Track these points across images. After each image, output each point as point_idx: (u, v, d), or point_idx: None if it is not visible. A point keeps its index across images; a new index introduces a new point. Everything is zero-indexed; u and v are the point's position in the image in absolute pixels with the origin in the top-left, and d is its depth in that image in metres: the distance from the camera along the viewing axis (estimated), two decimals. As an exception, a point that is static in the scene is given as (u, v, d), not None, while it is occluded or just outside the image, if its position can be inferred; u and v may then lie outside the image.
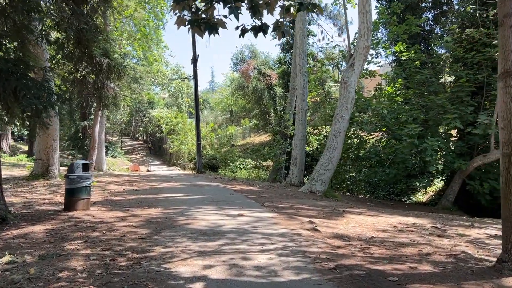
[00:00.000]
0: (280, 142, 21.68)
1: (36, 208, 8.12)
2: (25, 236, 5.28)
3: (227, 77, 56.04)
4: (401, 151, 12.64)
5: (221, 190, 12.26)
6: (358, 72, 12.88)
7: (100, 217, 6.93)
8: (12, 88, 5.62)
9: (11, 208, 7.98)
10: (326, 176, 12.55)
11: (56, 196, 10.07)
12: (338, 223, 6.93)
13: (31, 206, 8.33)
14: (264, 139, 37.50)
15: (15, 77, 5.79)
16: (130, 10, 24.23)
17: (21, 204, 8.60)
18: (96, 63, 6.28)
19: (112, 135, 58.62)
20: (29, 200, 9.47)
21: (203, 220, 6.58)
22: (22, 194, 10.58)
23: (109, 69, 6.57)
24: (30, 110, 5.62)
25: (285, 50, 27.80)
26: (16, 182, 13.07)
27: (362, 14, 12.69)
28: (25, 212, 7.37)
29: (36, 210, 7.75)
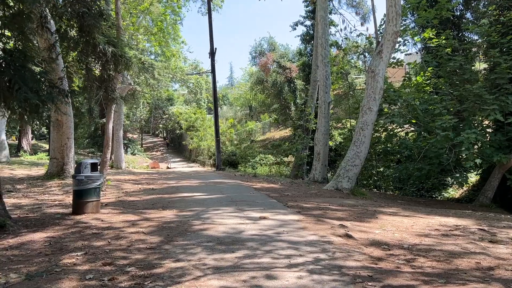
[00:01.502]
0: (301, 137, 20.84)
1: (44, 211, 7.59)
2: (21, 246, 4.69)
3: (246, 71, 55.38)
4: (435, 145, 11.67)
5: (241, 188, 11.57)
6: (386, 60, 11.97)
7: (109, 221, 6.33)
8: (6, 81, 5.03)
9: (17, 211, 7.49)
10: (353, 172, 11.71)
11: (68, 197, 9.57)
12: (372, 227, 6.13)
13: (39, 209, 7.82)
14: (285, 134, 36.65)
15: (11, 68, 5.20)
16: (146, 4, 23.74)
17: (29, 207, 8.11)
18: (100, 51, 5.65)
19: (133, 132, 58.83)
20: (39, 202, 8.99)
21: (220, 224, 5.89)
22: (33, 195, 10.14)
23: (115, 59, 5.93)
24: (26, 104, 5.01)
25: (306, 41, 26.87)
26: (30, 182, 12.70)
27: (390, -3, 11.76)
28: (30, 216, 6.83)
29: (43, 214, 7.22)
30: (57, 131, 13.35)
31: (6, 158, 20.90)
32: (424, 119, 12.46)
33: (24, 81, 5.15)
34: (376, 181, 15.53)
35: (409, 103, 11.82)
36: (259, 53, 35.01)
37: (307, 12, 26.36)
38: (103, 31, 5.62)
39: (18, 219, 6.54)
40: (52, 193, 10.59)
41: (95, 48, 5.68)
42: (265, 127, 43.58)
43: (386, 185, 15.49)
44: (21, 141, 29.02)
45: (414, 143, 12.46)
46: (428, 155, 12.32)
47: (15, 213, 7.23)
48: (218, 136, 23.11)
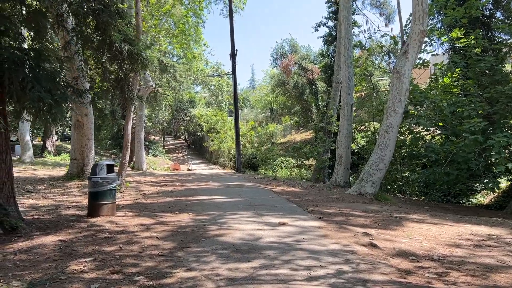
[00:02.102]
0: (323, 140, 20.43)
1: (60, 212, 7.50)
2: (30, 250, 4.54)
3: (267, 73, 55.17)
4: (463, 149, 11.11)
5: (260, 191, 11.29)
6: (412, 61, 11.49)
7: (123, 224, 6.15)
8: (19, 80, 4.90)
9: (33, 212, 7.43)
10: (377, 176, 11.27)
11: (86, 198, 9.43)
12: (399, 235, 5.76)
13: (56, 211, 7.74)
14: (306, 136, 36.20)
15: (25, 67, 5.08)
16: (168, 6, 23.79)
17: (46, 208, 8.05)
18: (116, 50, 5.49)
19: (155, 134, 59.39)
20: (57, 203, 8.94)
21: (237, 230, 5.62)
22: (52, 196, 10.12)
23: (131, 57, 5.75)
24: (38, 104, 4.87)
25: (328, 42, 26.41)
26: (50, 183, 12.75)
27: (416, -5, 11.30)
28: (45, 218, 6.74)
29: (58, 216, 7.12)
30: (78, 132, 13.40)
31: (30, 158, 21.24)
32: (452, 122, 11.91)
33: (38, 80, 5.02)
34: (400, 186, 14.98)
35: (436, 105, 11.30)
36: (280, 54, 34.67)
37: (329, 13, 25.92)
38: (119, 28, 5.46)
39: (32, 220, 6.45)
40: (71, 194, 10.57)
41: (111, 46, 5.52)
42: (286, 129, 43.22)
43: (411, 190, 14.92)
44: (46, 142, 29.55)
45: (441, 147, 11.91)
46: (456, 159, 11.76)
47: (31, 214, 7.17)
48: (238, 138, 22.91)
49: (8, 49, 5.14)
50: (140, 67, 6.20)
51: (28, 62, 5.27)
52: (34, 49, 5.67)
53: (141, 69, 6.39)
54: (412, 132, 12.69)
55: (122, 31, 5.61)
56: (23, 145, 21.44)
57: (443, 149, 11.77)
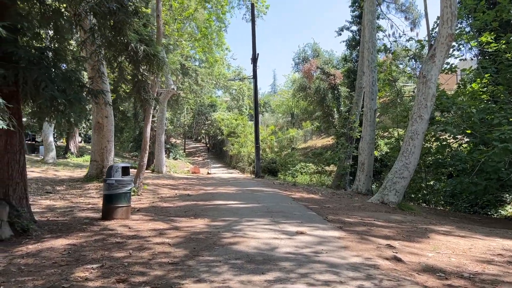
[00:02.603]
0: (344, 146, 19.99)
1: (75, 214, 7.41)
2: (38, 254, 4.40)
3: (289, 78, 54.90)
4: (492, 158, 10.56)
5: (279, 197, 11.01)
6: (439, 65, 11.03)
7: (136, 229, 5.99)
8: (33, 79, 4.80)
9: (49, 214, 7.36)
10: (401, 185, 10.83)
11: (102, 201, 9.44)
12: (424, 248, 5.39)
13: (71, 212, 7.66)
14: (327, 142, 35.71)
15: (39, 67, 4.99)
16: (191, 10, 23.86)
17: (62, 210, 7.99)
18: (131, 50, 5.35)
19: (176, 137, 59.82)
20: (73, 204, 8.89)
21: (253, 238, 5.37)
22: (70, 198, 10.10)
23: (148, 58, 5.60)
24: (52, 104, 4.76)
25: (351, 47, 25.99)
26: (70, 184, 12.80)
27: (445, -4, 10.87)
28: (59, 220, 6.64)
29: (72, 218, 7.02)
30: (98, 134, 13.44)
31: (53, 159, 21.54)
32: (481, 129, 11.37)
33: (52, 80, 4.92)
34: (425, 195, 14.41)
35: (464, 111, 10.80)
36: (302, 59, 34.34)
37: (353, 17, 25.53)
38: (135, 28, 5.32)
39: (46, 222, 6.36)
40: (88, 196, 10.54)
41: (127, 46, 5.39)
42: (307, 134, 42.77)
43: (436, 199, 14.33)
44: (69, 143, 30.02)
45: (469, 155, 11.37)
46: (485, 169, 11.19)
47: (46, 216, 7.10)
48: (258, 142, 22.69)
49: (24, 48, 5.06)
50: (156, 68, 6.05)
51: (44, 61, 5.19)
52: (51, 48, 5.58)
53: (157, 70, 6.23)
54: (439, 139, 12.19)
55: (139, 31, 5.47)
56: (46, 146, 21.77)
57: (471, 157, 11.23)
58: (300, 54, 34.88)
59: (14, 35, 4.85)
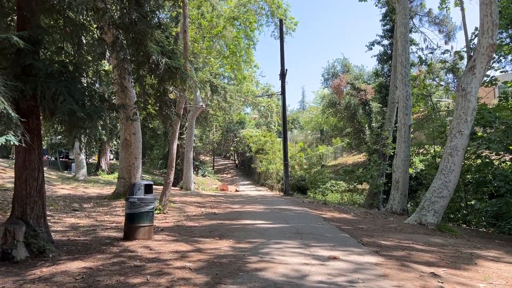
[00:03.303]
0: (377, 163, 19.22)
1: (97, 234, 7.19)
2: (51, 278, 4.12)
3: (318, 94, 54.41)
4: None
5: (309, 217, 10.50)
6: (480, 77, 10.37)
7: (157, 251, 5.67)
8: (51, 93, 4.63)
9: (71, 233, 7.17)
10: (440, 205, 10.12)
11: (127, 218, 9.23)
12: (473, 277, 4.79)
13: (94, 231, 7.45)
14: (358, 159, 34.79)
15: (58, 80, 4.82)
16: (220, 28, 23.99)
17: (85, 228, 7.79)
18: (153, 62, 5.12)
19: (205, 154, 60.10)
20: (98, 223, 8.71)
21: (280, 264, 4.93)
22: (95, 216, 9.96)
23: (170, 72, 5.37)
24: (70, 118, 4.55)
25: (383, 61, 25.37)
26: (97, 202, 12.74)
27: (484, 5, 10.27)
28: (79, 240, 6.41)
29: (94, 237, 6.79)
30: (125, 151, 13.39)
31: (84, 176, 21.82)
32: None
33: (71, 93, 4.72)
34: (465, 215, 13.48)
35: (509, 126, 10.04)
36: (332, 75, 33.86)
37: (384, 31, 24.99)
38: (156, 39, 5.11)
39: (66, 242, 6.14)
40: (114, 214, 10.37)
41: (148, 58, 5.18)
42: (337, 151, 41.93)
43: (477, 220, 13.37)
44: (100, 160, 30.54)
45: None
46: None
47: (68, 235, 6.91)
48: (286, 159, 22.23)
49: (43, 61, 4.92)
50: (180, 82, 5.81)
51: (64, 75, 5.03)
52: (72, 62, 5.44)
53: (180, 85, 6.00)
54: (481, 156, 11.41)
55: (160, 43, 5.25)
56: (77, 163, 22.10)
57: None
58: (330, 70, 34.46)
59: (34, 47, 4.71)
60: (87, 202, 12.65)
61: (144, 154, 36.35)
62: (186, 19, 10.79)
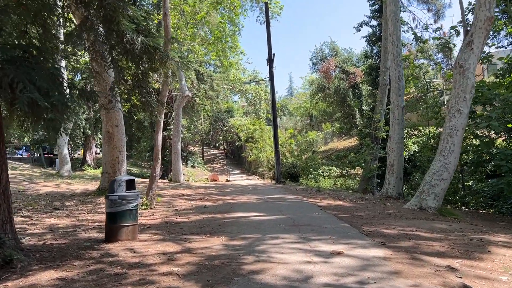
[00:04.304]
0: (370, 147, 18.80)
1: (77, 235, 6.59)
2: (14, 295, 3.54)
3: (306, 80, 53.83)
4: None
5: (304, 206, 10.01)
6: (478, 52, 9.89)
7: (142, 253, 5.10)
8: (8, 80, 3.98)
9: (48, 235, 6.56)
10: (441, 188, 9.71)
11: (111, 216, 8.62)
12: (492, 268, 4.33)
13: (73, 233, 6.85)
14: (349, 144, 34.46)
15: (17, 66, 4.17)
16: (203, 14, 23.15)
17: (64, 230, 7.19)
18: (127, 42, 4.48)
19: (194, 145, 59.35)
20: (79, 223, 8.11)
21: (279, 263, 4.40)
22: (77, 214, 9.35)
23: (148, 53, 4.73)
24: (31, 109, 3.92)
25: (372, 42, 24.82)
26: (81, 199, 12.10)
27: (481, -24, 9.75)
28: (55, 244, 5.81)
29: (73, 240, 6.19)
30: (108, 144, 12.71)
31: (68, 172, 21.06)
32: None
33: (32, 80, 4.08)
34: (463, 196, 13.14)
35: (509, 103, 9.61)
36: (320, 59, 33.15)
37: (372, 12, 24.38)
38: (129, 15, 4.47)
39: (40, 248, 5.53)
40: (98, 212, 9.77)
41: (122, 38, 4.54)
42: (327, 137, 41.57)
43: (476, 201, 13.05)
44: (86, 155, 29.68)
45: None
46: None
47: (44, 238, 6.30)
48: (277, 147, 21.70)
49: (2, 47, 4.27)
50: (159, 64, 5.17)
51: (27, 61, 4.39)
52: (34, 46, 4.78)
53: (160, 67, 5.36)
54: (479, 136, 10.99)
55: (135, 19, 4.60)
56: (61, 158, 21.31)
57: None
58: (318, 54, 33.77)
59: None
60: (70, 199, 12.00)
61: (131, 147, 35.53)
62: (166, 1, 10.07)
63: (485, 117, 9.72)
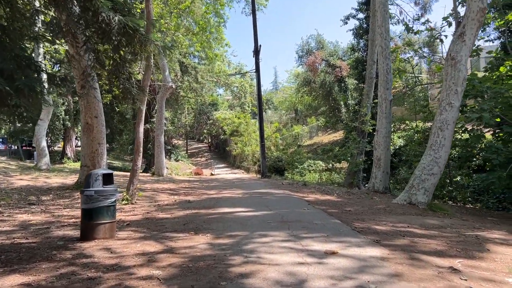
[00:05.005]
0: (356, 141, 18.60)
1: (50, 233, 6.12)
2: (-31, 305, 3.11)
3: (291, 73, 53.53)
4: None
5: (292, 201, 9.69)
6: (470, 44, 9.66)
7: (119, 254, 4.69)
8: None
9: (18, 233, 6.07)
10: (431, 182, 9.50)
11: (89, 212, 8.14)
12: (496, 269, 4.07)
13: (46, 230, 6.37)
14: (334, 138, 34.36)
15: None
16: (187, 3, 22.52)
17: (36, 227, 6.70)
18: (103, 21, 4.03)
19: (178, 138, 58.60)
20: (54, 219, 7.62)
21: (270, 265, 4.05)
22: (53, 209, 8.84)
23: (126, 34, 4.29)
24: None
25: (359, 35, 24.57)
26: (58, 193, 11.55)
27: (474, -35, 9.51)
28: (24, 244, 5.34)
29: (45, 238, 5.73)
30: (87, 136, 12.15)
31: (47, 165, 20.34)
32: (517, 117, 10.02)
33: (-6, 62, 3.61)
34: (450, 191, 13.03)
35: (501, 96, 9.44)
36: (306, 52, 32.79)
37: (359, 4, 24.13)
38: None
39: (8, 247, 5.07)
40: (76, 207, 9.27)
41: (97, 17, 4.09)
42: (312, 131, 41.44)
43: (463, 196, 12.96)
44: (66, 148, 28.86)
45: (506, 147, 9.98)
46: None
47: (13, 237, 5.82)
48: (263, 140, 21.35)
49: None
50: (139, 48, 4.73)
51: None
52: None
53: (140, 50, 4.91)
54: (469, 130, 10.83)
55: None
56: (39, 151, 20.55)
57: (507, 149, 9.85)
58: (304, 47, 33.40)
59: None
60: (46, 194, 11.44)
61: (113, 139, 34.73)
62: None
63: (476, 109, 9.53)
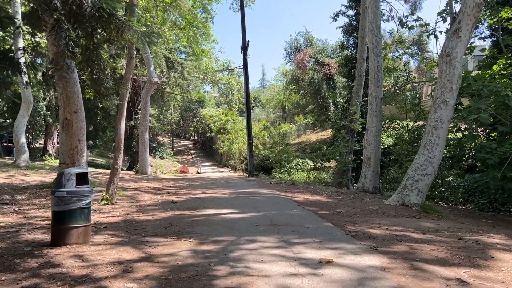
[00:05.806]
0: (345, 140, 18.30)
1: (19, 237, 5.59)
2: None
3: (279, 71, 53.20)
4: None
5: (281, 202, 9.29)
6: (465, 41, 9.38)
7: (93, 262, 4.20)
8: None
9: (-18, 237, 5.53)
10: (424, 183, 9.19)
11: (64, 213, 7.59)
12: (506, 280, 3.72)
13: (15, 234, 5.84)
14: (321, 136, 34.11)
15: None
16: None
17: (5, 230, 6.16)
18: (73, 3, 3.54)
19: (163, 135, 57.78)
20: (26, 220, 7.07)
21: (259, 276, 3.62)
22: (27, 210, 8.28)
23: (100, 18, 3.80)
24: None
25: (348, 33, 24.27)
26: (34, 192, 10.95)
27: (470, -41, 9.22)
28: (-14, 250, 4.82)
29: (12, 243, 5.21)
30: (66, 133, 11.50)
31: (26, 162, 19.54)
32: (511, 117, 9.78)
33: None
34: (442, 192, 12.78)
35: (497, 95, 9.17)
36: (294, 49, 32.38)
37: (349, 1, 23.84)
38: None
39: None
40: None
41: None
42: (300, 129, 41.16)
43: (455, 197, 12.72)
44: (47, 144, 27.98)
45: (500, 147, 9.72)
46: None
47: (-24, 242, 5.27)
48: (250, 138, 20.91)
49: None
50: (115, 34, 4.23)
51: None
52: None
53: (116, 37, 4.41)
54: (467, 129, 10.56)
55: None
56: (18, 147, 19.72)
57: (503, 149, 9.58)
58: (292, 44, 33.00)
59: None
60: (22, 192, 10.82)
61: (96, 136, 33.88)
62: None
63: (473, 109, 9.24)
